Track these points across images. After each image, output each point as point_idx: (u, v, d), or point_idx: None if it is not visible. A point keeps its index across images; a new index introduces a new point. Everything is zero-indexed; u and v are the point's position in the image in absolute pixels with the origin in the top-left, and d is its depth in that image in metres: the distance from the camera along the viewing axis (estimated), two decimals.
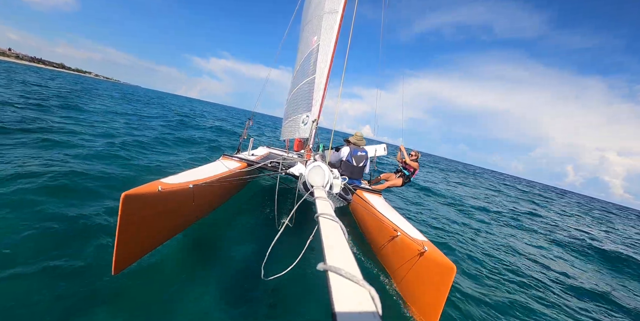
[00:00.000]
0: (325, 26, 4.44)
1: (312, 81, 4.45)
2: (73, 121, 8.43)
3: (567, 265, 5.63)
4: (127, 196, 1.92)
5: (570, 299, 3.93)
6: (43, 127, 6.49)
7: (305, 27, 5.30)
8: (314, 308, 2.44)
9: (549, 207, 17.16)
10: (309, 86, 4.53)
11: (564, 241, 7.70)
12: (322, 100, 4.38)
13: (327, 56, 4.33)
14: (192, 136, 10.52)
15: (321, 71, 4.37)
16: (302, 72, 4.86)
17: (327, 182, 2.42)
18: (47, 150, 4.92)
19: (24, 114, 7.40)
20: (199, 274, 2.54)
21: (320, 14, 4.60)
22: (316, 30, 4.62)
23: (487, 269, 4.24)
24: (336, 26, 4.30)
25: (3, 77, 17.97)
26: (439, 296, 2.23)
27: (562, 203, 24.17)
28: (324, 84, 4.36)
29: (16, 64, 64.27)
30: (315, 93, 4.38)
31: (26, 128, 6.01)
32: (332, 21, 4.37)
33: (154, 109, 20.34)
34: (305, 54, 4.83)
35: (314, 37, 4.66)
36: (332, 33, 4.33)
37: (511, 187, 28.17)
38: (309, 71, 4.57)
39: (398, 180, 5.45)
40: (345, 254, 1.01)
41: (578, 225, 11.89)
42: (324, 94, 4.43)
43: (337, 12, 4.33)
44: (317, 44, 4.51)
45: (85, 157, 4.94)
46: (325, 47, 4.37)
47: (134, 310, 2.02)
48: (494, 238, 6.33)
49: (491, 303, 3.25)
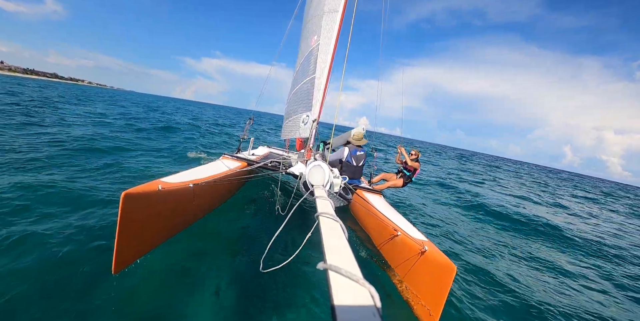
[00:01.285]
0: (325, 25, 4.44)
1: (312, 80, 4.45)
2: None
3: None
4: (127, 195, 1.92)
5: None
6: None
7: (306, 26, 5.29)
8: (313, 305, 2.43)
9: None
10: (309, 86, 4.52)
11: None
12: (322, 100, 4.37)
13: (327, 56, 4.32)
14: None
15: (321, 71, 4.37)
16: (303, 72, 4.85)
17: (328, 181, 2.42)
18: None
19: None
20: (198, 272, 2.53)
21: (320, 13, 4.59)
22: (316, 30, 4.61)
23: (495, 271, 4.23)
24: (336, 26, 4.28)
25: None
26: (440, 296, 2.22)
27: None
28: (324, 84, 4.35)
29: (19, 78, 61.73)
30: (315, 93, 4.37)
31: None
32: (332, 20, 4.36)
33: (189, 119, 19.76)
34: (306, 54, 4.82)
35: (314, 37, 4.65)
36: (332, 32, 4.32)
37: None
38: (309, 71, 4.57)
39: (399, 181, 5.44)
40: (346, 253, 1.00)
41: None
42: (324, 94, 4.42)
43: (338, 11, 4.31)
44: (317, 43, 4.50)
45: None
46: (326, 47, 4.36)
47: (134, 310, 2.02)
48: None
49: (492, 302, 3.25)
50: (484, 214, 7.37)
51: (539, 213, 8.56)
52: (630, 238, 8.12)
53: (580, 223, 9.13)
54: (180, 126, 14.42)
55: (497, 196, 10.82)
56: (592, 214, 11.67)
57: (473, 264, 3.98)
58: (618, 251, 6.38)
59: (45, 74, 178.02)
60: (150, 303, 2.10)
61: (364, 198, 3.83)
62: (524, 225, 6.97)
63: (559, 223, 7.79)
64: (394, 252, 2.97)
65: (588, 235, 7.27)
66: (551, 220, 7.76)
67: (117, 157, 6.01)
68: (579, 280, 4.41)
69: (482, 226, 6.37)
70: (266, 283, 2.56)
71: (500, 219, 7.07)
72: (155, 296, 2.17)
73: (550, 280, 4.20)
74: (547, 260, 4.89)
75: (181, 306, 2.12)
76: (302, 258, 3.10)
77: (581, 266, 5.07)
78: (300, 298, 2.50)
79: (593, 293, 4.05)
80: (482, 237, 5.50)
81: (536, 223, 7.18)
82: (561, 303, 3.54)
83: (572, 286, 4.12)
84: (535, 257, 4.96)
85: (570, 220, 9.11)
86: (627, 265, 5.59)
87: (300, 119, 4.62)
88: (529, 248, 5.42)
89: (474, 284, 3.49)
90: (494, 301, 3.28)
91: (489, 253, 4.68)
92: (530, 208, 9.45)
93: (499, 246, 5.18)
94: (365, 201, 3.68)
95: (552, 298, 3.63)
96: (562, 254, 5.57)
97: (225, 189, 3.73)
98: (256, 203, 4.57)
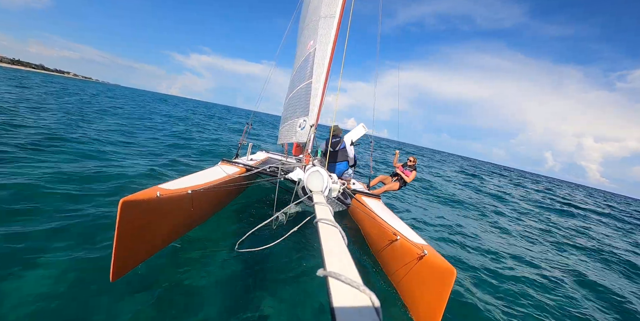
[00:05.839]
0: (321, 31, 4.47)
1: (309, 85, 4.45)
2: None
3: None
4: (125, 202, 1.91)
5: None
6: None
7: (302, 32, 5.33)
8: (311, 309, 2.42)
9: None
10: (306, 90, 4.53)
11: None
12: (320, 105, 4.37)
13: (324, 60, 4.34)
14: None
15: (318, 76, 4.38)
16: (299, 76, 4.87)
17: (326, 187, 2.42)
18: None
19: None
20: (195, 278, 2.51)
21: (316, 18, 4.62)
22: (312, 35, 4.64)
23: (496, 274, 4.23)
24: (333, 31, 4.31)
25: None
26: (440, 300, 2.22)
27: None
28: (322, 89, 4.36)
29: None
30: (312, 98, 4.38)
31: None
32: (329, 26, 4.39)
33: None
34: (302, 58, 4.85)
35: (310, 41, 4.68)
36: (329, 38, 4.34)
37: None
38: (306, 75, 4.58)
39: (395, 184, 5.45)
40: (345, 259, 1.01)
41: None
42: (322, 100, 4.42)
43: (334, 17, 4.35)
44: (313, 48, 4.52)
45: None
46: (322, 52, 4.38)
47: (132, 316, 2.00)
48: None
49: (493, 305, 3.25)
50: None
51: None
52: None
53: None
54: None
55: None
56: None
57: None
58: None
59: (31, 64, 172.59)
60: (148, 310, 2.08)
61: (362, 202, 3.83)
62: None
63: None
64: (394, 256, 2.96)
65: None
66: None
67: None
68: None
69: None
70: (261, 294, 2.53)
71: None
72: (154, 302, 2.15)
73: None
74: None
75: (180, 311, 2.10)
76: (300, 264, 3.10)
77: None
78: (299, 305, 2.48)
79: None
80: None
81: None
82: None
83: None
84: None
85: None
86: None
87: (297, 123, 4.62)
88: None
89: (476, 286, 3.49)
90: (497, 303, 3.28)
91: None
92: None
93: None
94: (364, 205, 3.68)
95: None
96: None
97: (223, 195, 3.72)
98: (254, 210, 4.54)
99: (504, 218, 8.84)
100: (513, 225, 8.11)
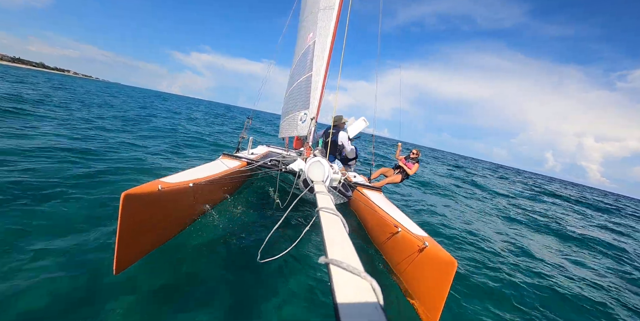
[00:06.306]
0: (320, 23, 4.42)
1: (309, 78, 4.42)
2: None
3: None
4: (127, 195, 1.91)
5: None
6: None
7: (302, 24, 5.27)
8: (314, 298, 2.44)
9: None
10: (306, 83, 4.50)
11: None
12: (320, 97, 4.35)
13: (324, 53, 4.30)
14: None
15: (318, 69, 4.34)
16: (299, 69, 4.83)
17: (327, 177, 2.42)
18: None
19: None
20: (198, 272, 2.53)
21: (315, 10, 4.57)
22: (312, 27, 4.59)
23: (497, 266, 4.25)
24: (332, 22, 4.26)
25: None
26: (441, 291, 2.23)
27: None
28: (322, 82, 4.33)
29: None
30: (312, 91, 4.35)
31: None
32: (328, 18, 4.34)
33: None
34: (302, 51, 4.80)
35: (309, 34, 4.63)
36: (328, 30, 4.30)
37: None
38: (306, 68, 4.54)
39: (397, 176, 5.44)
40: (347, 247, 1.01)
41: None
42: (322, 92, 4.40)
43: (333, 9, 4.29)
44: (312, 40, 4.48)
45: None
46: (322, 44, 4.34)
47: (136, 309, 2.02)
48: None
49: (495, 297, 3.27)
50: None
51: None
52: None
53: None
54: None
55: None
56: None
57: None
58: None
59: (32, 63, 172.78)
60: (151, 304, 2.10)
61: (364, 194, 3.83)
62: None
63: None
64: (395, 248, 2.97)
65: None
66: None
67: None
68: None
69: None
70: (265, 278, 2.57)
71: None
72: (157, 295, 2.17)
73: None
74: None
75: (181, 304, 2.12)
76: (303, 253, 3.11)
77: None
78: (300, 292, 2.51)
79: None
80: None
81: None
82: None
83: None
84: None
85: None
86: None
87: (297, 117, 4.61)
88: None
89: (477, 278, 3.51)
90: (498, 296, 3.30)
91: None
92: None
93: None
94: (366, 197, 3.68)
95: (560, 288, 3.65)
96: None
97: (225, 188, 3.73)
98: (256, 202, 4.56)
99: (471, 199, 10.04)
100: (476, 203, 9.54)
